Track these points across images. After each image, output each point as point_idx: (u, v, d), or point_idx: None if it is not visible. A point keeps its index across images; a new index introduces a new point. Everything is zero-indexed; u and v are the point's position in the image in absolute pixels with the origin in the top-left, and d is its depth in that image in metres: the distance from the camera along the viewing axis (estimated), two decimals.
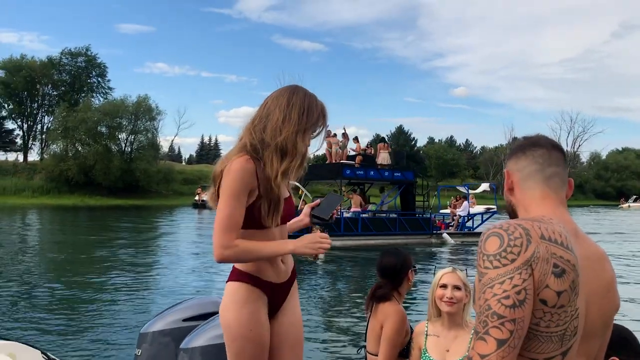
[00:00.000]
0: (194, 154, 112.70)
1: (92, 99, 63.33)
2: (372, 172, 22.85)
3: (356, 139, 24.58)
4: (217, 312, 3.16)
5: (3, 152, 67.03)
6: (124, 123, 57.33)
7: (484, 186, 31.72)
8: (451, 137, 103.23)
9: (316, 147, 2.44)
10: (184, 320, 3.32)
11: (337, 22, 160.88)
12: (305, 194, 21.27)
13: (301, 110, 2.28)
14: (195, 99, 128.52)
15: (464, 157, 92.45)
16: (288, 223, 2.53)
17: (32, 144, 65.83)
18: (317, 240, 2.24)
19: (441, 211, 27.33)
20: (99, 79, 68.66)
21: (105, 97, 66.06)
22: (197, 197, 45.98)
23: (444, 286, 2.82)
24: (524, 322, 1.28)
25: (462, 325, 2.84)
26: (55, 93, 65.58)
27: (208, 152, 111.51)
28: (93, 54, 67.33)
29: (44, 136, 64.23)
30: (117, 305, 10.23)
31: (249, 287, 2.28)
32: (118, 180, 51.97)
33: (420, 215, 24.18)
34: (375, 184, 25.40)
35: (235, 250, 2.17)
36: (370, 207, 23.98)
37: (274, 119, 2.27)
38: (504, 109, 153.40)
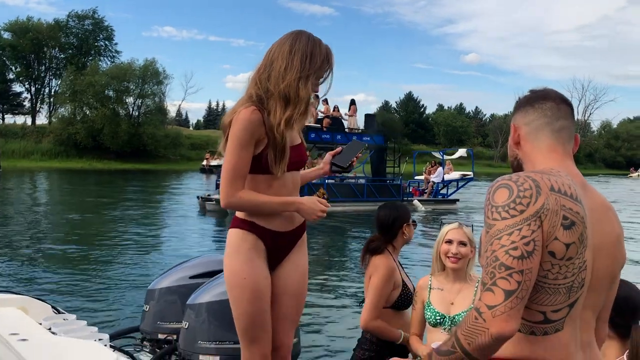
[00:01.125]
0: (202, 120, 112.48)
1: (100, 63, 63.02)
2: (339, 136, 21.83)
3: (325, 101, 23.37)
4: (222, 270, 3.22)
5: (11, 115, 67.26)
6: (132, 87, 57.17)
7: (461, 152, 30.65)
8: (461, 104, 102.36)
9: (324, 91, 2.46)
10: (191, 277, 3.37)
11: None
12: None
13: (304, 56, 2.27)
14: (202, 63, 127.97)
15: (473, 124, 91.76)
16: (308, 171, 2.57)
17: (40, 107, 65.92)
18: (319, 209, 2.33)
19: (416, 177, 26.50)
20: (106, 42, 68.22)
21: (113, 61, 65.75)
22: (204, 162, 46.20)
23: (450, 242, 2.83)
24: (532, 273, 1.28)
25: (466, 279, 2.86)
26: (62, 56, 65.28)
27: (216, 118, 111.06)
28: (100, 17, 66.79)
29: (51, 99, 64.22)
30: (125, 263, 10.39)
31: (245, 234, 2.30)
32: (126, 145, 52.07)
33: (390, 182, 23.28)
34: None
35: (239, 200, 2.24)
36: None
37: (277, 67, 2.28)
38: (515, 76, 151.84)
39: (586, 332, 1.43)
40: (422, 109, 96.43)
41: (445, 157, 27.52)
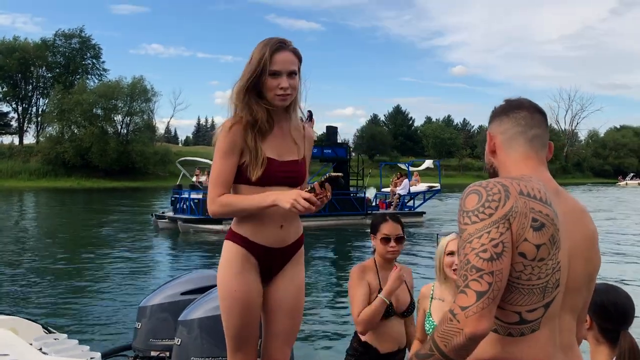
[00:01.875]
0: (191, 136, 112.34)
1: (87, 81, 62.78)
2: None
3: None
4: (214, 286, 3.22)
5: None
6: (120, 105, 57.03)
7: (428, 163, 29.74)
8: (449, 116, 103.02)
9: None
10: (182, 293, 3.36)
11: (334, 1, 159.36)
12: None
13: (248, 61, 2.30)
14: (191, 80, 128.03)
15: (462, 136, 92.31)
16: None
17: (27, 126, 65.49)
18: (296, 196, 2.14)
19: (383, 190, 25.70)
20: (94, 60, 68.11)
21: (100, 79, 65.60)
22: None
23: (452, 253, 2.79)
24: (503, 274, 1.31)
25: None
26: (49, 75, 65.07)
27: (205, 134, 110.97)
28: (87, 36, 66.72)
29: (39, 119, 63.91)
30: (115, 281, 10.34)
31: (237, 248, 2.31)
32: (115, 162, 51.87)
33: (354, 195, 22.44)
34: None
35: (218, 203, 2.26)
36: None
37: None
38: (503, 87, 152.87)
39: (566, 334, 1.46)
40: (411, 122, 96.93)
41: (412, 168, 26.90)
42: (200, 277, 3.51)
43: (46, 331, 3.16)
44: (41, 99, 65.51)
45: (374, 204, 23.07)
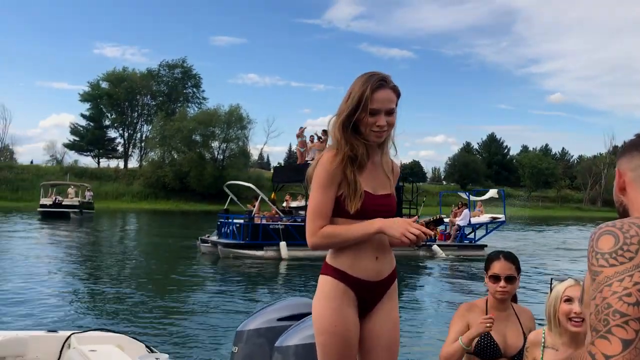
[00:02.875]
0: (282, 162, 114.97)
1: (188, 109, 66.27)
2: None
3: (325, 133, 21.72)
4: (309, 313, 3.21)
5: (106, 159, 71.55)
6: (217, 132, 59.50)
7: (492, 192, 27.38)
8: (546, 145, 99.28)
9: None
10: (278, 319, 3.37)
11: (427, 29, 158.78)
12: (262, 197, 20.06)
13: (346, 96, 2.28)
14: (283, 108, 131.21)
15: (560, 166, 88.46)
16: None
17: (132, 151, 69.86)
18: (407, 225, 2.13)
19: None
20: (194, 89, 71.84)
21: (200, 107, 69.02)
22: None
23: (569, 300, 2.57)
24: None
25: (583, 342, 2.62)
26: (153, 103, 69.24)
27: (295, 160, 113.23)
28: (189, 66, 70.57)
29: (142, 144, 67.92)
30: (214, 303, 10.61)
31: (335, 282, 2.27)
32: (211, 187, 53.89)
33: None
34: None
35: (320, 235, 2.23)
36: None
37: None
38: (604, 116, 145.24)
39: None
40: (506, 150, 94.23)
41: (475, 198, 25.38)
42: (295, 304, 3.50)
43: (149, 350, 3.27)
44: (145, 125, 69.77)
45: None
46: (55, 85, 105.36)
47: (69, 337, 3.29)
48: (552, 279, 2.81)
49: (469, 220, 21.97)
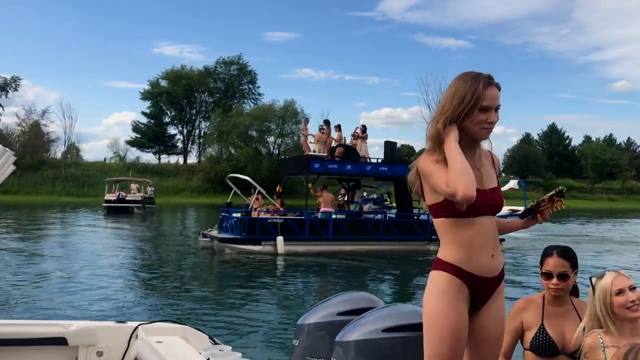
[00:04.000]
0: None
1: (244, 105, 67.17)
2: (349, 166, 19.42)
3: (338, 127, 21.02)
4: (370, 308, 3.21)
5: (166, 155, 73.47)
6: (272, 127, 60.15)
7: (512, 183, 25.94)
8: (610, 135, 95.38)
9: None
10: (338, 314, 3.38)
11: (483, 18, 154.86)
12: (259, 190, 19.41)
13: (450, 96, 2.29)
14: (338, 102, 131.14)
15: (626, 156, 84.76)
16: (513, 221, 2.55)
17: (190, 147, 71.47)
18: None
19: None
20: (250, 85, 72.81)
21: (255, 103, 69.91)
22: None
23: (621, 292, 2.51)
24: None
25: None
26: (210, 100, 70.58)
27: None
28: (244, 62, 71.49)
29: (201, 140, 69.38)
30: (275, 296, 10.77)
31: (450, 277, 2.28)
32: (266, 181, 54.51)
33: (416, 218, 19.89)
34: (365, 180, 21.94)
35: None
36: (353, 207, 20.93)
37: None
38: None
39: None
40: (567, 141, 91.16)
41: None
42: (356, 298, 3.50)
43: (212, 342, 3.35)
44: (203, 122, 71.19)
45: None
46: (118, 84, 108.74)
47: (137, 327, 3.40)
48: (590, 278, 2.71)
49: None
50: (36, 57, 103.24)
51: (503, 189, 17.36)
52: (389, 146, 22.11)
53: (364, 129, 21.48)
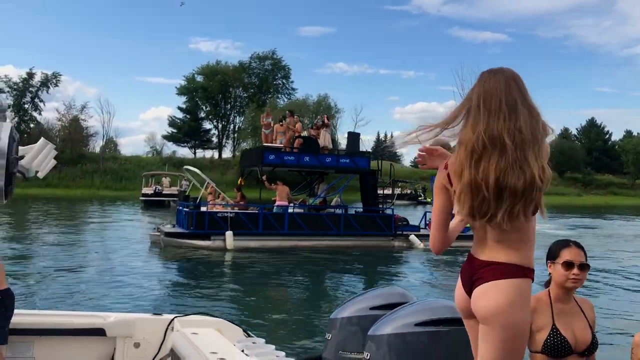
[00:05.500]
0: (370, 150, 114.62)
1: (277, 100, 67.46)
2: (307, 158, 18.48)
3: (297, 118, 20.73)
4: (402, 303, 3.20)
5: (202, 150, 74.35)
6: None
7: None
8: None
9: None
10: (371, 308, 3.38)
11: (521, 11, 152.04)
12: (208, 182, 18.68)
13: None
14: (372, 96, 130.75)
15: None
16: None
17: (225, 142, 72.14)
18: None
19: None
20: (284, 80, 73.01)
21: (289, 98, 70.08)
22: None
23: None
24: None
25: None
26: (245, 95, 71.06)
27: (383, 149, 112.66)
28: (278, 57, 71.73)
29: (235, 135, 69.99)
30: (307, 290, 10.82)
31: (530, 283, 2.13)
32: (298, 176, 54.74)
33: (381, 212, 19.08)
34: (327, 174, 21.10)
35: None
36: (312, 200, 20.06)
37: None
38: None
39: None
40: (607, 136, 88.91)
41: None
42: (388, 293, 3.50)
43: (246, 334, 3.40)
44: (237, 116, 71.76)
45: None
46: (155, 80, 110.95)
47: (173, 320, 3.48)
48: None
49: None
50: (75, 52, 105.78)
51: None
52: (352, 137, 21.13)
53: (327, 119, 20.85)
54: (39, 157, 3.14)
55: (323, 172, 20.48)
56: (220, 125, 72.09)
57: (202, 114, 72.84)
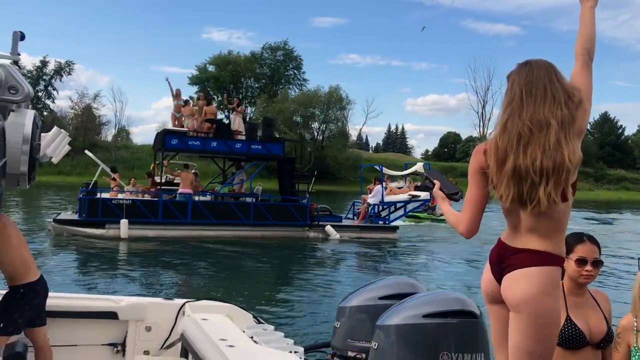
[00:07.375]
0: (381, 143, 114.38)
1: (289, 91, 67.38)
2: (214, 144, 17.69)
3: (209, 101, 20.02)
4: (411, 293, 3.22)
5: None
6: (317, 113, 60.16)
7: (417, 166, 21.39)
8: None
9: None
10: (380, 298, 3.41)
11: (536, 3, 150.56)
12: (102, 167, 18.02)
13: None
14: (383, 88, 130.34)
15: None
16: None
17: None
18: None
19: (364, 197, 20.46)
20: (295, 71, 72.77)
21: (300, 89, 69.91)
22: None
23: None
24: None
25: None
26: (256, 85, 71.01)
27: (394, 141, 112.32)
28: (290, 48, 71.54)
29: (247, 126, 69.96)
30: (316, 279, 10.87)
31: (560, 271, 2.18)
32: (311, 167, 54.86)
33: (298, 202, 18.42)
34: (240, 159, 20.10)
35: None
36: (220, 188, 19.32)
37: None
38: None
39: None
40: (621, 130, 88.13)
41: (391, 172, 21.72)
42: (397, 282, 3.53)
43: (256, 321, 3.43)
44: (249, 107, 71.70)
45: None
46: (167, 69, 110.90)
47: (184, 305, 3.53)
48: (638, 259, 2.65)
49: (382, 198, 19.26)
50: (88, 41, 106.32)
51: (404, 172, 16.77)
52: (266, 122, 20.37)
53: (238, 102, 20.46)
54: (53, 144, 3.19)
55: (238, 159, 19.74)
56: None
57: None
